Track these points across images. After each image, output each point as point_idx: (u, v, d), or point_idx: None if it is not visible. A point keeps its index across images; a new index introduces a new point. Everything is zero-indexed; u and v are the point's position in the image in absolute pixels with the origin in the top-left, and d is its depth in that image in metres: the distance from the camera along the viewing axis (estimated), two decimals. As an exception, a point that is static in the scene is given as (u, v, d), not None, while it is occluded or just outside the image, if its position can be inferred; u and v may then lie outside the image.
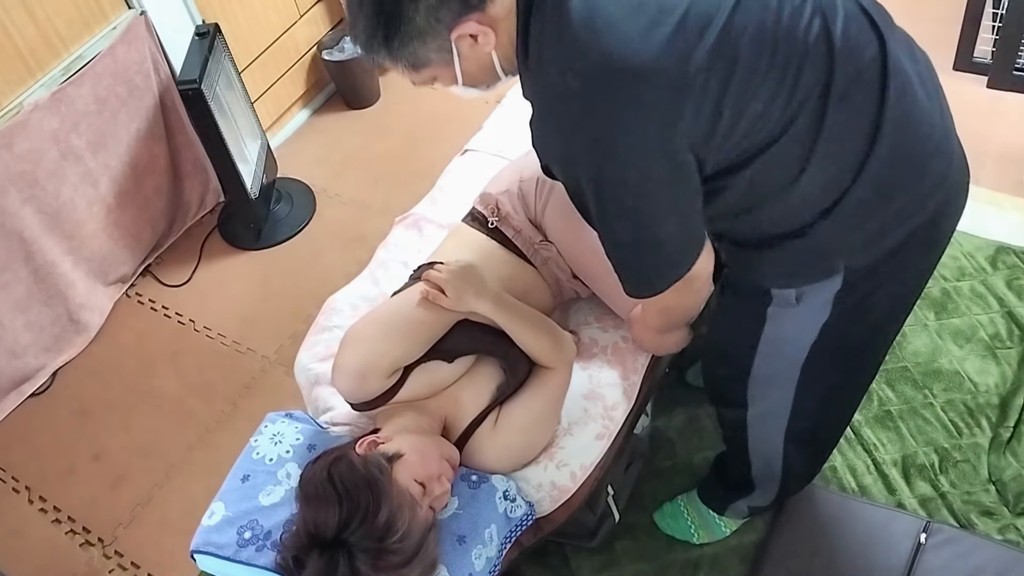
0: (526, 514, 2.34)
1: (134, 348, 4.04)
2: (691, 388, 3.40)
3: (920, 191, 1.85)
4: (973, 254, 3.69)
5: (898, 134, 1.78)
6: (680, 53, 1.62)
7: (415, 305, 2.34)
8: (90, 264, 4.00)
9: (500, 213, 2.66)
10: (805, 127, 1.73)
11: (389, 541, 1.99)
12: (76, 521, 3.45)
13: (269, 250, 4.38)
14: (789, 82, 1.69)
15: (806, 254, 1.89)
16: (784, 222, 1.86)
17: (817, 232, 1.85)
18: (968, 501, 3.01)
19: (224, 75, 4.01)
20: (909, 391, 3.31)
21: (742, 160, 1.77)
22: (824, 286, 1.94)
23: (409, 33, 1.70)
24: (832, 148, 1.76)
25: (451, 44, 1.74)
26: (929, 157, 1.85)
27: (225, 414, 3.70)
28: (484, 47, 1.77)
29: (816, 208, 1.83)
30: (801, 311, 2.00)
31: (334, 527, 1.99)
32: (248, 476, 2.35)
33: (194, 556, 2.29)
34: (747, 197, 1.83)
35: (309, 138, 4.99)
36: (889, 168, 1.79)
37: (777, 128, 1.72)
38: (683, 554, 3.00)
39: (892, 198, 1.83)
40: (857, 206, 1.81)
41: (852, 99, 1.74)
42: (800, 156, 1.76)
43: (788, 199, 1.82)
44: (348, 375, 2.27)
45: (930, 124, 1.85)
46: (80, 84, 3.68)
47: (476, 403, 2.44)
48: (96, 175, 3.88)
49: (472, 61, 1.81)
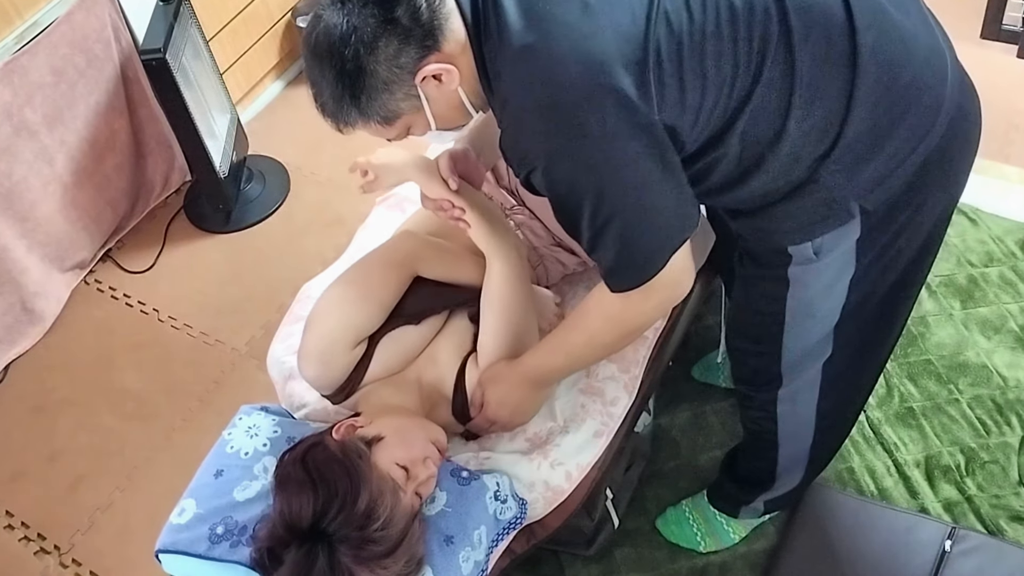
0: (516, 516, 2.34)
1: (93, 340, 4.03)
2: (697, 383, 3.42)
3: (919, 116, 1.90)
4: (1002, 238, 3.69)
5: (878, 62, 1.83)
6: (627, 36, 1.75)
7: (360, 271, 2.45)
8: (45, 249, 3.99)
9: None
10: (778, 75, 1.82)
11: (370, 529, 1.99)
12: (30, 527, 3.45)
13: (239, 233, 4.38)
14: (743, 34, 1.80)
15: (815, 203, 1.94)
16: (786, 175, 1.92)
17: (821, 177, 1.90)
18: (996, 505, 3.02)
19: (191, 44, 3.99)
20: (933, 386, 3.32)
21: (726, 123, 1.87)
22: (841, 234, 1.97)
23: (375, 86, 1.87)
24: (812, 89, 1.83)
25: (417, 89, 1.90)
26: (919, 79, 1.89)
27: (192, 411, 3.70)
28: (449, 85, 1.91)
29: (814, 154, 1.88)
30: (824, 266, 2.03)
31: (310, 516, 1.99)
32: (221, 471, 2.34)
33: (159, 556, 2.28)
34: (743, 160, 1.92)
35: (283, 112, 4.99)
36: (878, 98, 1.85)
37: (747, 82, 1.82)
38: (688, 563, 3.01)
39: (890, 129, 1.88)
40: (854, 143, 1.87)
41: (816, 37, 1.82)
42: (782, 104, 1.84)
43: (783, 151, 1.88)
44: (310, 359, 2.34)
45: (915, 45, 1.90)
46: (34, 54, 3.66)
47: (456, 356, 2.49)
48: (52, 152, 3.87)
49: (441, 103, 1.96)
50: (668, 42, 1.76)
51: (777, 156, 1.88)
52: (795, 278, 2.08)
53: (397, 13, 1.79)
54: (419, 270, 2.49)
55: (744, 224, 2.10)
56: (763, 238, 2.08)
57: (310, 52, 1.89)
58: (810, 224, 1.97)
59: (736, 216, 2.10)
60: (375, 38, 1.80)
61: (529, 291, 2.53)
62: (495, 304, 2.44)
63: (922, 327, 3.47)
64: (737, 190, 1.98)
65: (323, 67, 1.86)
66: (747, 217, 2.06)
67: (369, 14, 1.79)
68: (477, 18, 1.84)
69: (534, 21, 1.77)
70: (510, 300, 2.45)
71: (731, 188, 1.98)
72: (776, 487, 2.75)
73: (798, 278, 2.08)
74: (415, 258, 2.49)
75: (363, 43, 1.80)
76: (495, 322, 2.44)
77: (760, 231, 2.07)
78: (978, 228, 3.73)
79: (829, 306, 2.14)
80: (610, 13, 1.75)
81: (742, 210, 2.06)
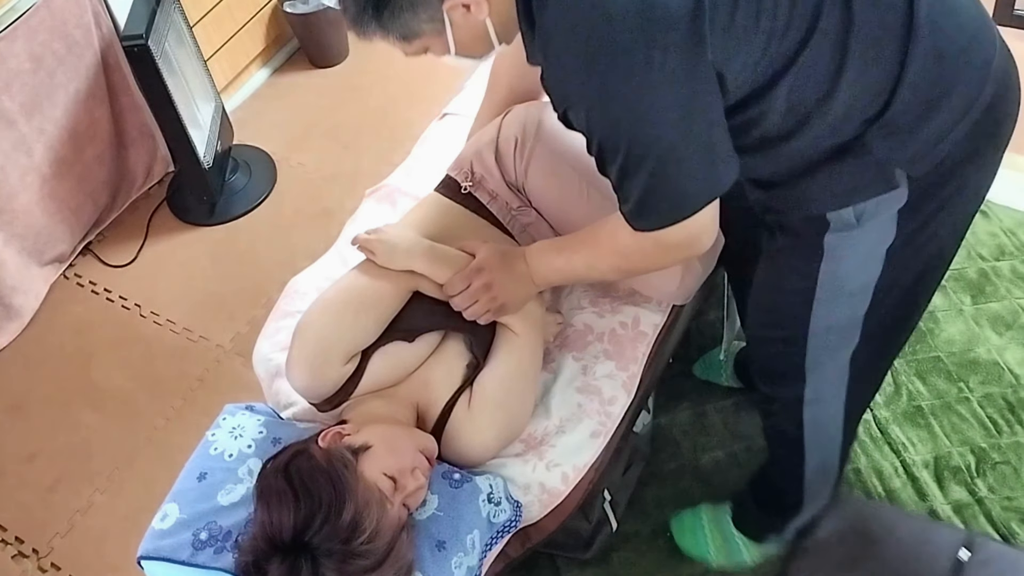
0: (510, 519, 2.33)
1: (73, 336, 4.03)
2: (698, 381, 3.42)
3: (971, 82, 1.89)
4: (1014, 231, 3.70)
5: (933, 28, 1.82)
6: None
7: (361, 280, 2.41)
8: (23, 242, 3.99)
9: (474, 177, 2.66)
10: (833, 29, 1.79)
11: (355, 543, 1.97)
12: (8, 530, 3.45)
13: (224, 226, 4.38)
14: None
15: (862, 167, 1.92)
16: (831, 137, 1.90)
17: (869, 142, 1.89)
18: (1008, 507, 3.02)
19: (174, 30, 3.99)
20: (942, 384, 3.32)
21: (773, 77, 1.83)
22: (886, 200, 1.95)
23: (399, 4, 1.82)
24: (867, 49, 1.81)
25: (443, 14, 1.86)
26: (972, 47, 1.89)
27: (175, 410, 3.70)
28: (478, 16, 1.87)
29: (862, 116, 1.87)
30: (863, 234, 2.01)
31: (291, 528, 1.98)
32: (205, 474, 2.33)
33: (141, 563, 2.27)
34: (788, 117, 1.89)
35: (269, 101, 4.99)
36: (931, 65, 1.83)
37: (799, 35, 1.79)
38: (690, 568, 3.01)
39: (941, 97, 1.86)
40: (905, 109, 1.85)
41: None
42: (834, 62, 1.82)
43: (831, 112, 1.86)
44: (301, 369, 2.31)
45: (968, 16, 1.90)
46: (12, 40, 3.65)
47: (447, 384, 2.46)
48: (30, 142, 3.86)
49: (465, 30, 1.92)
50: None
51: (824, 116, 1.86)
52: (830, 247, 2.04)
53: None
54: (420, 285, 2.46)
55: (778, 195, 2.07)
56: (799, 206, 2.05)
57: None
58: (854, 188, 1.95)
59: (770, 187, 2.07)
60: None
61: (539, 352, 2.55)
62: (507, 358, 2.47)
63: (931, 323, 3.47)
64: (779, 147, 1.95)
65: None
66: (782, 187, 2.04)
67: None
68: None
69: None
70: (522, 357, 2.48)
71: (772, 146, 1.95)
72: (805, 509, 2.70)
73: (833, 248, 2.04)
74: (419, 274, 2.46)
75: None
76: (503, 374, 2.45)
77: (796, 200, 2.04)
78: (989, 221, 3.74)
79: (862, 280, 2.11)
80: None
81: (776, 181, 2.04)
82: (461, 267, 2.43)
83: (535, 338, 2.52)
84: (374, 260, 2.42)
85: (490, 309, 2.43)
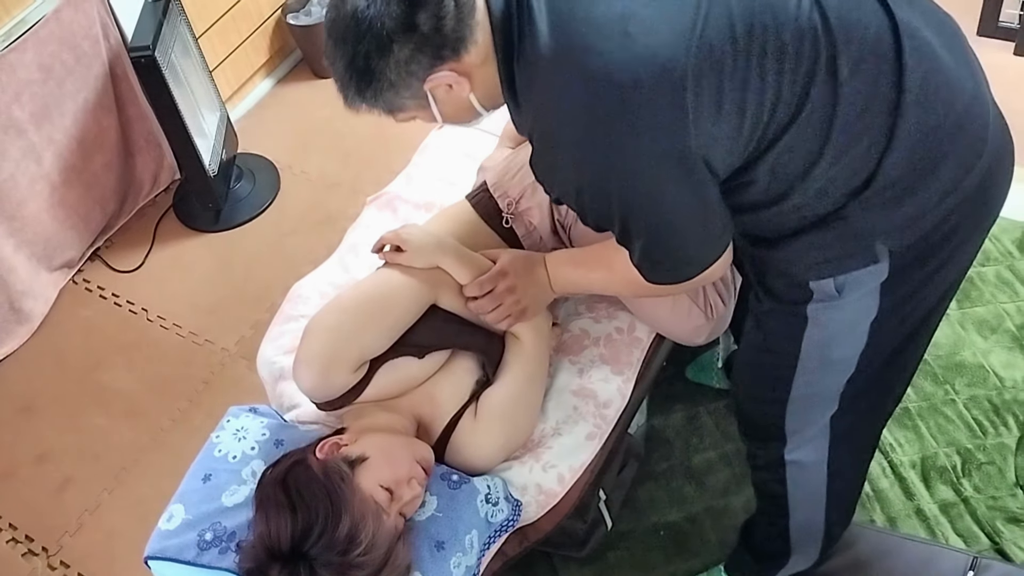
0: (508, 518, 2.33)
1: (81, 339, 4.03)
2: (691, 384, 3.42)
3: (957, 162, 1.85)
4: (999, 237, 3.70)
5: (924, 104, 1.79)
6: (665, 60, 1.69)
7: (381, 287, 2.39)
8: (33, 248, 3.99)
9: (518, 207, 2.66)
10: (819, 109, 1.76)
11: (353, 554, 1.98)
12: (18, 529, 3.45)
13: (229, 232, 4.38)
14: (789, 66, 1.74)
15: (841, 237, 1.89)
16: (814, 207, 1.87)
17: (850, 214, 1.86)
18: (993, 507, 3.03)
19: (180, 41, 4.00)
20: (929, 386, 3.33)
21: (759, 152, 1.82)
22: (866, 274, 1.92)
23: (381, 86, 1.84)
24: (851, 129, 1.78)
25: (425, 92, 1.87)
26: (960, 125, 1.85)
27: (181, 412, 3.70)
28: (460, 93, 1.89)
29: (844, 189, 1.84)
30: (845, 306, 1.97)
31: (288, 539, 1.99)
32: (210, 475, 2.34)
33: (148, 563, 2.28)
34: (772, 187, 1.87)
35: (273, 110, 4.99)
36: (917, 141, 1.80)
37: (786, 115, 1.77)
38: (683, 565, 3.01)
39: (926, 173, 1.83)
40: (889, 184, 1.82)
41: (864, 73, 1.76)
42: (818, 139, 1.79)
43: (814, 184, 1.83)
44: (310, 369, 2.27)
45: (960, 89, 1.86)
46: (23, 51, 3.66)
47: (454, 400, 2.45)
48: (40, 150, 3.87)
49: (449, 105, 1.94)
50: (709, 68, 1.70)
51: (806, 189, 1.84)
52: (813, 316, 2.02)
53: (419, 19, 1.75)
54: (440, 299, 2.44)
55: (766, 254, 2.03)
56: (784, 270, 2.02)
57: (328, 28, 1.85)
58: (834, 259, 1.92)
59: (757, 243, 2.04)
60: (390, 39, 1.76)
61: (547, 365, 2.56)
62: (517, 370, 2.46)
63: (918, 327, 3.47)
64: (761, 212, 1.93)
65: (336, 50, 1.83)
66: (770, 246, 2.00)
67: (393, 12, 1.74)
68: (508, 31, 1.81)
69: (565, 38, 1.74)
70: (532, 370, 2.48)
71: (755, 210, 1.93)
72: (793, 562, 2.66)
73: (817, 316, 2.02)
74: (440, 284, 2.44)
75: (376, 43, 1.77)
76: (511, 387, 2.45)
77: (782, 262, 2.01)
78: (974, 227, 3.74)
79: (846, 352, 2.08)
80: (650, 33, 1.69)
81: (765, 237, 2.00)
82: (484, 270, 2.44)
83: (543, 350, 2.52)
84: (399, 257, 2.40)
85: (511, 313, 2.43)
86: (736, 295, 2.70)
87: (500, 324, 2.45)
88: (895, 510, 3.06)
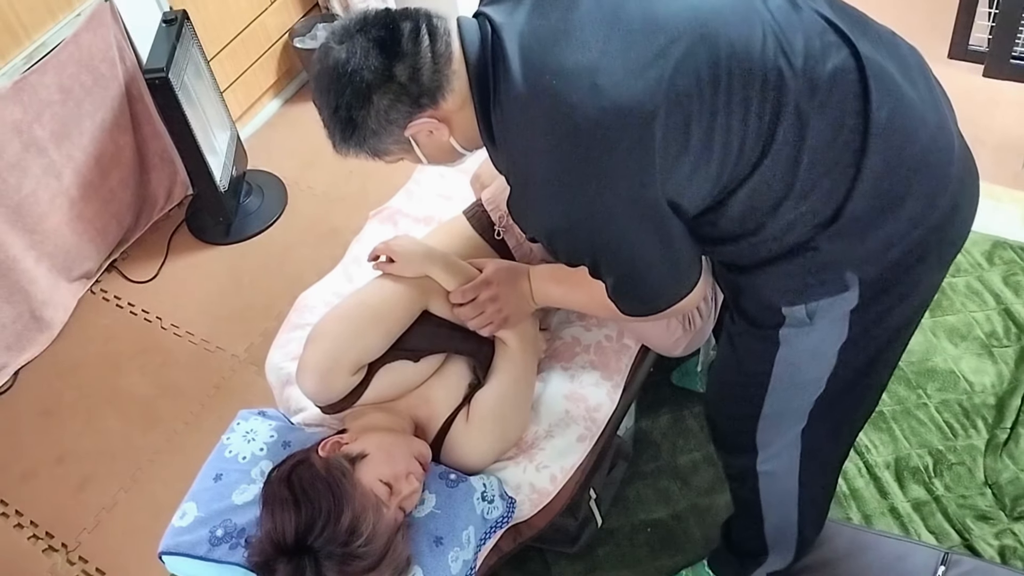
0: (503, 515, 2.35)
1: (99, 346, 4.04)
2: (676, 388, 3.43)
3: (925, 192, 1.85)
4: (969, 249, 3.71)
5: (889, 139, 1.79)
6: (633, 108, 1.71)
7: (374, 296, 2.41)
8: (53, 259, 4.00)
9: (509, 221, 2.66)
10: (786, 147, 1.78)
11: (354, 545, 2.01)
12: (39, 526, 3.46)
13: (239, 245, 4.39)
14: (755, 109, 1.75)
15: (813, 268, 1.89)
16: (785, 239, 1.87)
17: (819, 245, 1.86)
18: (963, 505, 3.04)
19: (192, 64, 4.01)
20: (902, 391, 3.34)
21: (729, 190, 1.83)
22: (837, 301, 1.92)
23: (364, 134, 1.90)
24: (818, 166, 1.79)
25: (407, 137, 1.92)
26: (928, 156, 1.85)
27: (193, 415, 3.71)
28: (440, 137, 1.93)
29: (813, 222, 1.84)
30: (816, 331, 1.97)
31: (293, 533, 2.01)
32: (220, 475, 2.36)
33: (163, 558, 2.30)
34: (743, 222, 1.88)
35: (280, 129, 5.00)
36: (883, 175, 1.80)
37: (754, 154, 1.79)
38: (668, 561, 3.02)
39: (893, 205, 1.83)
40: (856, 217, 1.82)
41: (830, 111, 1.77)
42: (786, 176, 1.80)
43: (784, 218, 1.84)
44: (311, 374, 2.29)
45: (924, 122, 1.86)
46: (43, 73, 3.67)
47: (448, 402, 2.47)
48: (59, 167, 3.88)
49: (431, 147, 1.99)
50: (677, 114, 1.72)
51: (776, 223, 1.84)
52: (785, 339, 2.01)
53: (396, 70, 1.79)
54: (431, 305, 2.46)
55: (739, 279, 2.03)
56: (757, 295, 2.02)
57: (314, 78, 1.90)
58: (806, 287, 1.91)
59: (731, 269, 2.04)
60: (370, 91, 1.80)
61: (534, 368, 2.58)
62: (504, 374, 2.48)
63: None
64: (733, 244, 1.93)
65: (322, 99, 1.89)
66: (742, 273, 2.00)
67: (372, 64, 1.79)
68: (484, 78, 1.84)
69: (537, 87, 1.76)
70: (519, 373, 2.50)
71: (727, 243, 1.94)
72: (771, 560, 2.65)
73: (788, 340, 2.01)
74: (430, 291, 2.46)
75: (356, 95, 1.81)
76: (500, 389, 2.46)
77: (755, 288, 2.01)
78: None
79: (816, 374, 2.08)
80: (618, 86, 1.71)
81: (738, 264, 2.00)
82: (470, 278, 2.45)
83: (529, 353, 2.54)
84: (390, 267, 2.43)
85: (493, 321, 2.44)
86: (717, 309, 2.72)
87: (482, 330, 2.46)
88: (870, 508, 3.08)
